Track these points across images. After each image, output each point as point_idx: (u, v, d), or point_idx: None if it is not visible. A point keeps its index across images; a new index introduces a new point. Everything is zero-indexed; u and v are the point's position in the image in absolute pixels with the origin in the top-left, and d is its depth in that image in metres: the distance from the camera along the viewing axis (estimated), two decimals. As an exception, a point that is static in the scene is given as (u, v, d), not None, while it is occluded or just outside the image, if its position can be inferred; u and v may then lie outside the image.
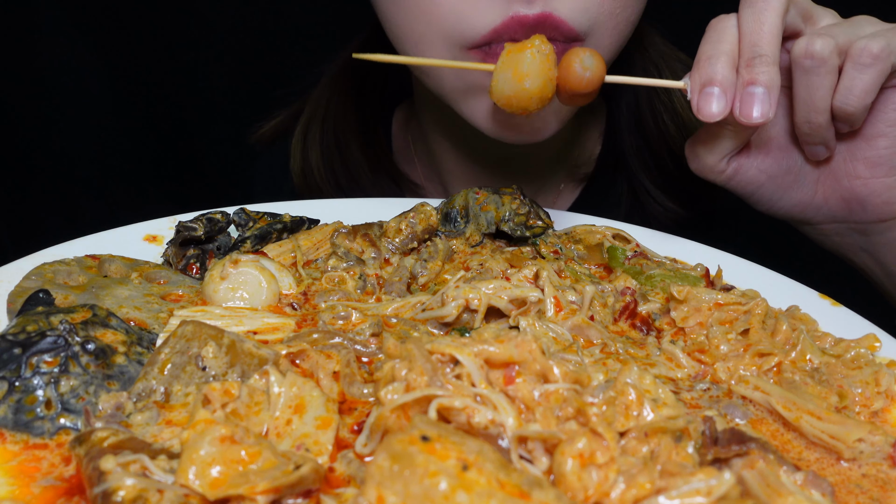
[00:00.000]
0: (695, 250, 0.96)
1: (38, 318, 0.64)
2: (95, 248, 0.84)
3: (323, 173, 1.35)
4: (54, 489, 0.53)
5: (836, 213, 0.95)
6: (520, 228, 0.94)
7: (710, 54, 0.84)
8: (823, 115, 0.86)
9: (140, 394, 0.61)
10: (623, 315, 0.81)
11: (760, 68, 0.82)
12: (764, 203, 0.98)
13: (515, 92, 0.87)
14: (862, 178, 0.91)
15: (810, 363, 0.72)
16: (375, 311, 0.78)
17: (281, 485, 0.49)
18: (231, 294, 0.76)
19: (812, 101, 0.86)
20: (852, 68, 0.83)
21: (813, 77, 0.84)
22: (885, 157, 0.89)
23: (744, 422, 0.66)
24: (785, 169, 0.94)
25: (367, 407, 0.63)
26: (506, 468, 0.47)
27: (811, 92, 0.85)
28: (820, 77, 0.84)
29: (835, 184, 0.94)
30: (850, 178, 0.92)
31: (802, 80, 0.85)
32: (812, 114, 0.86)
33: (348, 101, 1.37)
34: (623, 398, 0.55)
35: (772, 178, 0.95)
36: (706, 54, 0.85)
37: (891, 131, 0.88)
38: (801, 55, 0.84)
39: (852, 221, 0.96)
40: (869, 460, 0.62)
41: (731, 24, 0.85)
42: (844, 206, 0.94)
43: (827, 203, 0.95)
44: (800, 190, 0.96)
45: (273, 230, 0.89)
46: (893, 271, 0.98)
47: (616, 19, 1.01)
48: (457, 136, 1.28)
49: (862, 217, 0.94)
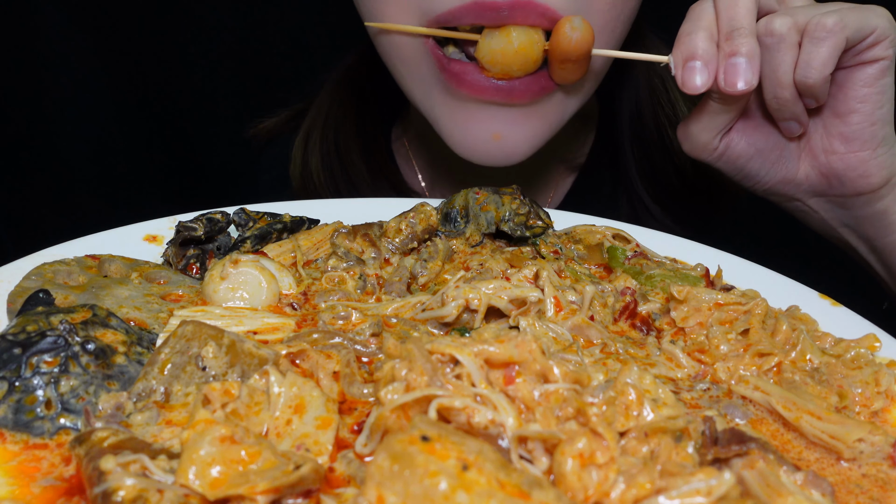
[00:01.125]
0: (695, 250, 0.96)
1: (38, 318, 0.64)
2: (95, 248, 0.84)
3: (322, 179, 1.35)
4: (54, 489, 0.53)
5: (817, 187, 0.99)
6: (520, 228, 0.94)
7: (690, 31, 0.90)
8: (788, 90, 0.90)
9: (140, 394, 0.61)
10: (623, 315, 0.81)
11: (740, 40, 0.87)
12: (752, 178, 1.01)
13: (502, 47, 0.89)
14: (838, 153, 0.95)
15: (810, 363, 0.72)
16: (375, 311, 0.78)
17: (281, 485, 0.49)
18: (231, 294, 0.76)
19: (776, 77, 0.90)
20: (809, 42, 0.87)
21: (774, 53, 0.89)
22: (858, 132, 0.93)
23: (744, 422, 0.66)
24: (772, 143, 0.99)
25: (367, 407, 0.63)
26: (506, 468, 0.47)
27: (774, 67, 0.89)
28: (780, 53, 0.88)
29: (814, 159, 0.98)
30: (827, 154, 0.96)
31: (766, 57, 0.89)
32: (777, 89, 0.90)
33: (349, 108, 1.37)
34: (623, 398, 0.55)
35: (760, 151, 0.99)
36: (686, 31, 0.90)
37: (861, 107, 0.92)
38: (763, 33, 0.89)
39: (832, 195, 0.99)
40: (869, 460, 0.62)
41: (709, 4, 0.91)
42: (824, 181, 0.98)
43: (808, 178, 0.99)
44: (784, 165, 1.00)
45: (273, 230, 0.89)
46: (877, 246, 1.01)
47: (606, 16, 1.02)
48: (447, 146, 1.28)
49: (840, 191, 0.97)
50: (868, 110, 0.92)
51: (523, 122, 1.06)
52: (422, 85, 1.08)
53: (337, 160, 1.35)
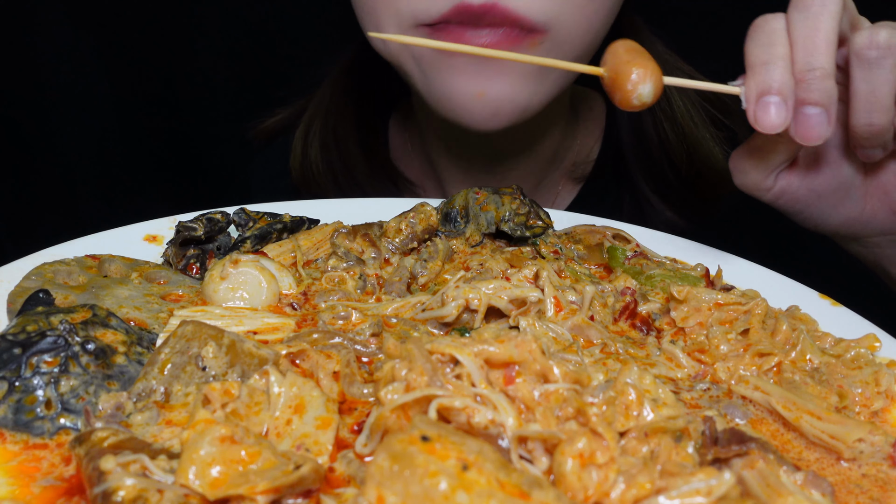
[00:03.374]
0: (695, 250, 0.96)
1: (38, 318, 0.64)
2: (95, 248, 0.84)
3: (321, 168, 1.36)
4: (54, 489, 0.53)
5: (886, 226, 0.92)
6: (520, 228, 0.94)
7: (766, 59, 0.78)
8: (887, 115, 0.79)
9: (140, 394, 0.61)
10: (623, 315, 0.81)
11: (816, 85, 0.77)
12: (812, 221, 0.93)
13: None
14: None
15: (810, 363, 0.72)
16: (375, 311, 0.78)
17: (281, 485, 0.49)
18: (231, 294, 0.76)
19: (876, 98, 0.78)
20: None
21: (876, 71, 0.77)
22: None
23: (744, 422, 0.66)
24: (835, 186, 0.89)
25: (367, 407, 0.63)
26: (506, 468, 0.47)
27: (875, 87, 0.78)
28: (885, 70, 0.77)
29: (884, 197, 0.90)
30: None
31: (864, 76, 0.78)
32: (875, 114, 0.79)
33: (349, 99, 1.39)
34: (623, 398, 0.55)
35: (821, 196, 0.90)
36: (760, 59, 0.78)
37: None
38: (865, 46, 0.77)
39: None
40: (869, 460, 0.62)
41: (781, 25, 0.79)
42: (894, 219, 0.91)
43: (875, 217, 0.91)
44: (848, 206, 0.91)
45: (273, 230, 0.89)
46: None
47: (582, 11, 1.01)
48: (452, 136, 1.29)
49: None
50: None
51: (503, 79, 1.05)
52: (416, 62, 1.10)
53: (335, 149, 1.36)
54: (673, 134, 1.29)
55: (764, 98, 0.77)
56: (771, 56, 0.78)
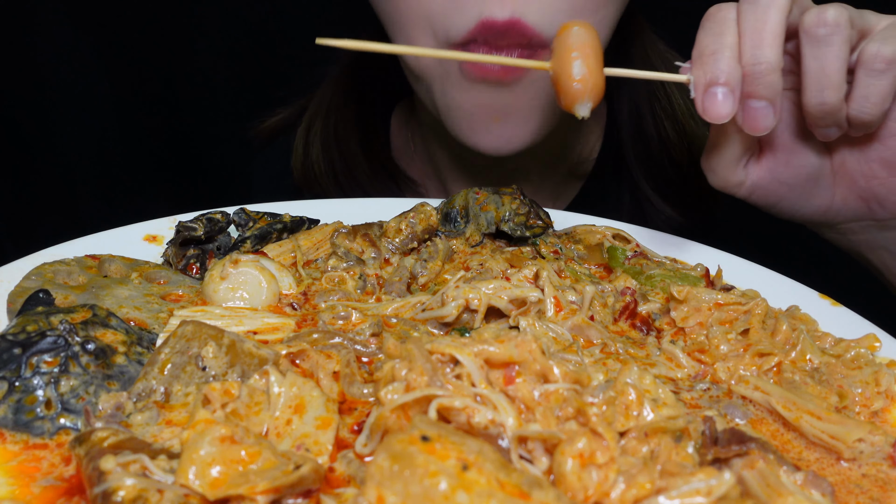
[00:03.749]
0: (695, 250, 0.96)
1: (38, 318, 0.64)
2: (95, 248, 0.84)
3: (322, 167, 1.37)
4: (54, 489, 0.53)
5: (857, 212, 0.94)
6: (520, 228, 0.94)
7: (714, 49, 0.79)
8: (837, 93, 0.80)
9: (140, 394, 0.61)
10: (623, 315, 0.81)
11: (762, 79, 0.79)
12: (787, 212, 0.96)
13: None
14: (879, 177, 0.89)
15: (810, 363, 0.72)
16: (375, 311, 0.78)
17: (281, 485, 0.49)
18: (231, 294, 0.76)
19: (826, 76, 0.79)
20: (866, 75, 0.79)
21: (825, 48, 0.78)
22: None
23: (744, 422, 0.66)
24: (804, 177, 0.92)
25: (367, 407, 0.63)
26: (506, 468, 0.47)
27: (825, 64, 0.79)
28: (834, 47, 0.78)
29: (852, 185, 0.92)
30: (866, 179, 0.90)
31: (814, 54, 0.79)
32: (827, 91, 0.80)
33: (349, 97, 1.39)
34: (623, 398, 0.55)
35: (792, 188, 0.92)
36: (709, 48, 0.80)
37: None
38: (814, 24, 0.79)
39: (871, 219, 0.94)
40: (869, 460, 0.62)
41: (732, 15, 0.81)
42: (864, 205, 0.93)
43: (846, 204, 0.93)
44: (820, 195, 0.93)
45: (273, 230, 0.89)
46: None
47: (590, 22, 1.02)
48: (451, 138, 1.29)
49: (881, 215, 0.93)
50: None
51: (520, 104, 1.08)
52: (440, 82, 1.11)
53: (336, 149, 1.37)
54: (673, 132, 1.29)
55: (711, 88, 0.78)
56: (719, 46, 0.79)
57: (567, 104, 0.80)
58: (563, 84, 0.78)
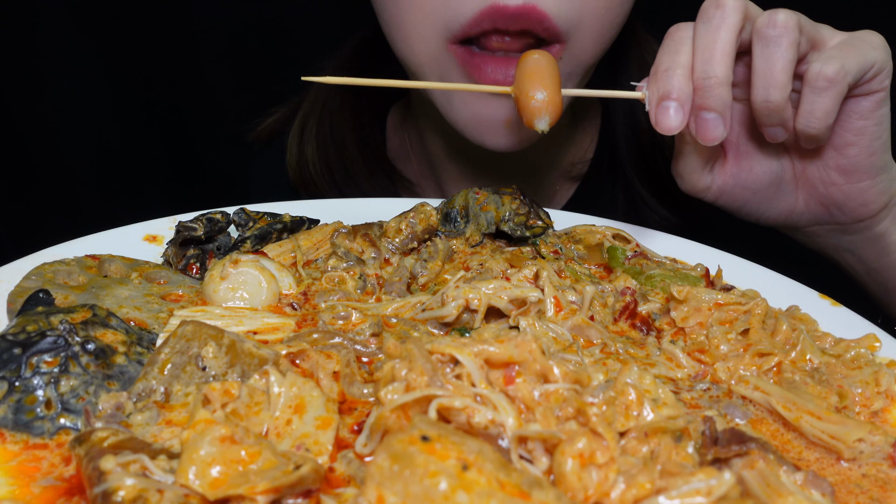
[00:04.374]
0: (695, 250, 0.96)
1: (38, 318, 0.64)
2: (95, 248, 0.84)
3: (318, 167, 1.37)
4: (54, 489, 0.53)
5: (819, 217, 0.99)
6: (520, 228, 0.94)
7: (668, 66, 0.85)
8: (782, 92, 0.85)
9: (140, 394, 0.61)
10: (623, 315, 0.81)
11: (711, 92, 0.83)
12: (753, 215, 1.01)
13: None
14: (837, 184, 0.94)
15: (810, 363, 0.72)
16: (375, 311, 0.78)
17: (281, 485, 0.49)
18: (231, 294, 0.76)
19: (772, 75, 0.84)
20: (811, 92, 0.84)
21: (773, 48, 0.83)
22: (856, 164, 0.92)
23: (744, 422, 0.66)
24: (767, 182, 0.97)
25: (367, 407, 0.63)
26: (506, 468, 0.47)
27: (771, 64, 0.84)
28: (781, 48, 0.83)
29: (812, 191, 0.97)
30: (825, 186, 0.95)
31: (763, 53, 0.84)
32: (772, 90, 0.85)
33: (345, 97, 1.38)
34: (623, 398, 0.55)
35: (755, 193, 0.98)
36: (664, 66, 0.85)
37: (859, 140, 0.90)
38: (765, 25, 0.83)
39: (833, 223, 0.99)
40: (869, 460, 0.62)
41: (688, 35, 0.86)
42: (825, 211, 0.98)
43: (809, 208, 0.99)
44: (783, 199, 0.99)
45: (273, 230, 0.89)
46: (874, 268, 1.02)
47: (601, 21, 1.03)
48: (451, 134, 1.29)
49: (841, 219, 0.98)
50: (865, 143, 0.90)
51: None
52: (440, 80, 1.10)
53: (332, 148, 1.37)
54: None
55: (663, 102, 0.84)
56: (673, 63, 0.85)
57: (528, 121, 0.88)
58: (524, 104, 0.88)
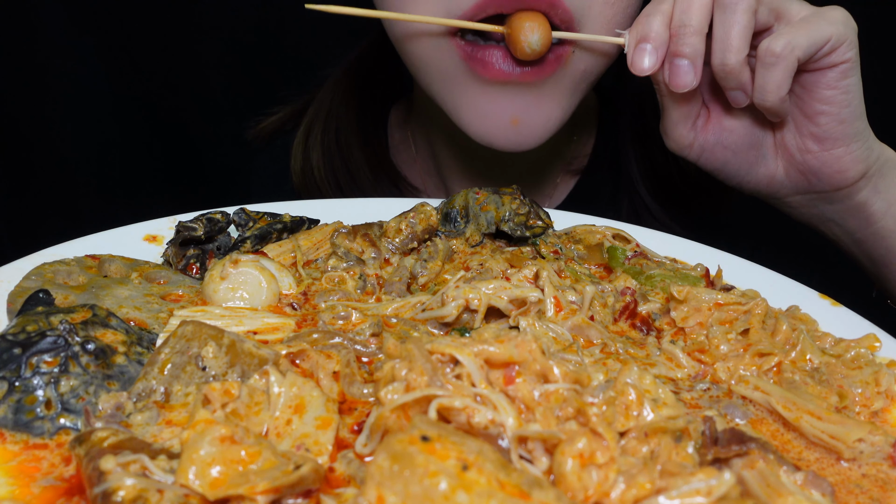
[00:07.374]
0: (695, 250, 0.96)
1: (38, 318, 0.64)
2: (95, 248, 0.84)
3: (323, 173, 1.36)
4: (54, 489, 0.53)
5: (799, 185, 1.02)
6: (520, 228, 0.94)
7: (649, 12, 0.92)
8: (737, 56, 0.90)
9: (140, 394, 0.61)
10: (623, 315, 0.81)
11: (685, 39, 0.90)
12: (733, 178, 1.04)
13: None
14: (812, 151, 0.97)
15: (810, 363, 0.72)
16: (375, 311, 0.78)
17: (281, 485, 0.49)
18: (231, 294, 0.76)
19: (728, 39, 0.89)
20: (761, 66, 0.89)
21: (730, 14, 0.88)
22: (829, 132, 0.95)
23: (744, 422, 0.66)
24: (748, 144, 1.01)
25: (367, 407, 0.63)
26: (506, 468, 0.47)
27: (727, 28, 0.89)
28: (737, 14, 0.88)
29: (790, 158, 1.00)
30: (802, 153, 0.98)
31: (720, 19, 0.89)
32: (728, 53, 0.90)
33: (350, 101, 1.38)
34: (623, 398, 0.55)
35: (736, 153, 1.02)
36: (646, 12, 0.93)
37: (828, 108, 0.94)
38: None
39: (814, 192, 1.01)
40: (869, 460, 0.62)
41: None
42: (803, 179, 1.00)
43: (788, 176, 1.02)
44: (764, 165, 1.02)
45: (273, 230, 0.89)
46: (858, 238, 1.04)
47: (613, 8, 1.02)
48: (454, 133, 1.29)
49: (820, 187, 1.00)
50: (834, 111, 0.93)
51: (538, 106, 1.08)
52: (444, 78, 1.10)
53: (338, 154, 1.36)
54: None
55: (640, 45, 0.92)
56: (654, 10, 0.92)
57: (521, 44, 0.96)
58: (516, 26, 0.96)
